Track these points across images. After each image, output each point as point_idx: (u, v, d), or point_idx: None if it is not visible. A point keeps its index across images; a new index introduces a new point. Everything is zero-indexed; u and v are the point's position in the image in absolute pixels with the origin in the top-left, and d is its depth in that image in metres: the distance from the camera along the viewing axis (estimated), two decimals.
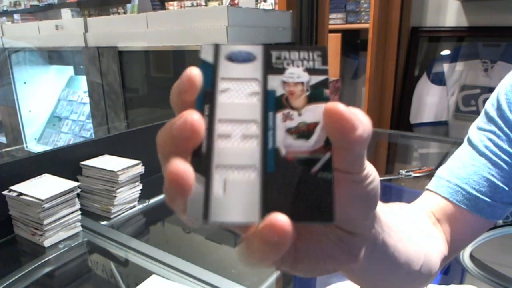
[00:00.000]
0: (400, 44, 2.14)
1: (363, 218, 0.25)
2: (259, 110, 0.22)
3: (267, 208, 0.20)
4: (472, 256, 0.86)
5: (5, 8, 5.17)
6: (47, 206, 0.83)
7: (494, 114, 0.48)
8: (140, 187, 1.06)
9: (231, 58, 0.23)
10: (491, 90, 1.87)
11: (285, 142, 0.21)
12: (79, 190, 0.91)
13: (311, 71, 0.22)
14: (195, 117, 0.20)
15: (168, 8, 3.54)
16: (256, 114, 0.21)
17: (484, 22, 1.98)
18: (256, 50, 0.23)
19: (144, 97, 2.12)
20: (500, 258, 0.92)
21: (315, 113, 0.21)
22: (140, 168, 1.04)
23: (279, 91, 0.22)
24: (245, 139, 0.21)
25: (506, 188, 0.45)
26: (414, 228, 0.41)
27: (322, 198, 0.20)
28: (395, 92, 2.20)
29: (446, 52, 2.11)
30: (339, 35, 2.40)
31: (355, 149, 0.21)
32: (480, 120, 0.50)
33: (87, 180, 1.02)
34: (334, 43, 2.36)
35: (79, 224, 0.92)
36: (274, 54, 0.23)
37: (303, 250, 0.24)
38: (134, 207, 1.05)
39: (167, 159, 0.20)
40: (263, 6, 2.92)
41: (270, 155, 0.21)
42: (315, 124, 0.21)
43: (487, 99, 0.51)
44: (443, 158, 1.42)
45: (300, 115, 0.21)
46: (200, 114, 0.20)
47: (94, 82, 2.18)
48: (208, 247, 0.93)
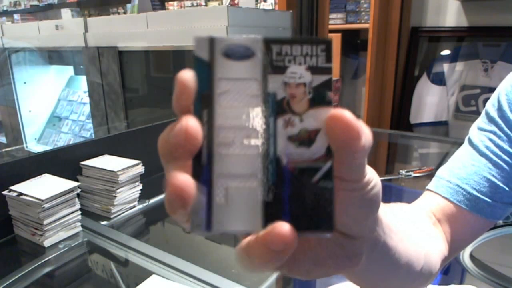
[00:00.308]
0: (400, 44, 2.14)
1: (364, 223, 0.25)
2: (259, 116, 0.21)
3: (269, 217, 0.20)
4: (472, 256, 0.86)
5: (5, 8, 5.17)
6: (47, 206, 0.83)
7: (494, 114, 0.48)
8: (140, 187, 1.06)
9: (228, 54, 0.21)
10: (491, 90, 1.87)
11: (286, 150, 0.21)
12: (79, 190, 0.91)
13: (314, 69, 0.21)
14: (190, 123, 0.19)
15: (168, 8, 3.54)
16: (256, 120, 0.21)
17: (484, 22, 1.98)
18: (254, 43, 0.21)
19: (144, 97, 2.12)
20: (500, 258, 0.92)
21: (316, 119, 0.21)
22: (140, 168, 1.04)
23: (280, 94, 0.21)
24: (245, 147, 0.21)
25: (507, 188, 0.45)
26: (414, 228, 0.41)
27: (322, 208, 0.20)
28: (395, 92, 2.20)
29: (446, 52, 2.10)
30: (339, 35, 2.40)
31: (356, 158, 0.21)
32: (480, 121, 0.50)
33: (87, 180, 1.02)
34: (334, 43, 2.34)
35: (79, 224, 0.92)
36: (275, 49, 0.21)
37: (302, 253, 0.24)
38: (134, 207, 1.05)
39: (167, 164, 0.20)
40: (263, 6, 2.92)
41: (271, 164, 0.21)
42: (316, 131, 0.21)
43: (487, 99, 0.51)
44: (443, 158, 1.42)
45: (301, 121, 0.21)
46: (199, 119, 0.20)
47: (94, 82, 2.18)
48: (208, 247, 0.93)
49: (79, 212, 0.91)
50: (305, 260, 0.24)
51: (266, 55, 0.22)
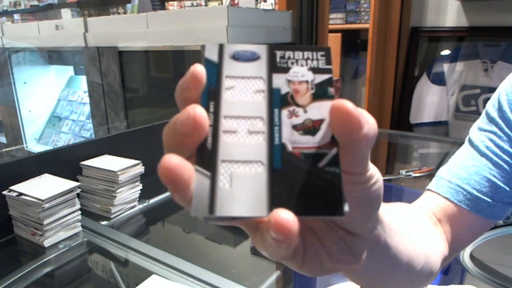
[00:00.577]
0: (400, 44, 2.14)
1: (365, 219, 0.25)
2: (264, 107, 0.22)
3: (275, 202, 0.20)
4: (472, 256, 0.86)
5: (5, 8, 5.17)
6: (47, 206, 0.83)
7: (495, 114, 0.48)
8: (140, 187, 1.06)
9: (236, 57, 0.23)
10: (491, 90, 1.87)
11: (291, 138, 0.21)
12: (79, 190, 0.91)
13: (315, 70, 0.22)
14: (198, 111, 0.19)
15: (168, 8, 3.54)
16: (262, 110, 0.22)
17: (484, 22, 1.98)
18: (260, 49, 0.23)
19: (144, 97, 2.12)
20: (500, 258, 0.92)
21: (320, 110, 0.22)
22: (140, 168, 1.04)
23: (284, 89, 0.22)
24: (251, 135, 0.21)
25: (507, 189, 0.45)
26: (414, 228, 0.41)
27: (330, 192, 0.20)
28: (395, 92, 2.19)
29: (446, 52, 2.10)
30: (339, 35, 2.40)
31: (360, 148, 0.21)
32: (481, 121, 0.50)
33: (87, 180, 1.02)
34: (334, 43, 2.36)
35: (79, 224, 0.92)
36: (279, 54, 0.23)
37: (313, 247, 0.24)
38: (134, 207, 1.05)
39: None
40: (263, 6, 2.92)
41: (277, 150, 0.21)
42: (321, 121, 0.21)
43: (487, 99, 0.51)
44: (443, 158, 1.42)
45: (305, 112, 0.22)
46: (205, 110, 0.20)
47: (94, 82, 2.18)
48: (208, 247, 0.93)
49: (79, 212, 0.91)
50: (308, 255, 0.24)
51: (270, 58, 0.23)
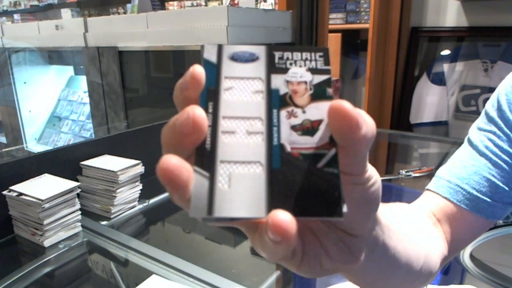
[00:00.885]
0: (400, 44, 2.14)
1: (364, 219, 0.25)
2: (263, 107, 0.22)
3: (273, 203, 0.20)
4: (472, 256, 0.86)
5: (5, 8, 5.17)
6: (47, 206, 0.83)
7: (494, 114, 0.48)
8: (140, 187, 1.06)
9: (234, 58, 0.23)
10: (491, 90, 1.87)
11: (290, 139, 0.21)
12: (79, 190, 0.91)
13: (313, 71, 0.22)
14: (197, 111, 0.19)
15: (168, 8, 3.54)
16: (260, 111, 0.22)
17: (484, 22, 1.98)
18: (259, 50, 0.23)
19: (144, 97, 2.12)
20: (500, 258, 0.92)
21: (319, 110, 0.22)
22: (140, 168, 1.04)
23: (283, 90, 0.22)
24: (249, 135, 0.21)
25: (507, 188, 0.45)
26: (414, 228, 0.41)
27: (329, 193, 0.20)
28: (395, 92, 2.19)
29: (446, 52, 2.10)
30: (339, 35, 2.40)
31: (359, 149, 0.21)
32: (480, 121, 0.50)
33: (87, 180, 1.02)
34: (334, 43, 2.36)
35: (79, 224, 0.92)
36: (277, 55, 0.23)
37: (313, 247, 0.24)
38: (134, 207, 1.05)
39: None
40: (263, 6, 2.92)
41: (275, 151, 0.21)
42: (319, 122, 0.21)
43: (487, 99, 0.51)
44: (443, 158, 1.42)
45: (304, 112, 0.22)
46: (204, 111, 0.20)
47: (94, 82, 2.18)
48: (208, 247, 0.93)
49: (79, 212, 0.91)
50: (315, 255, 0.24)
51: (269, 58, 0.23)
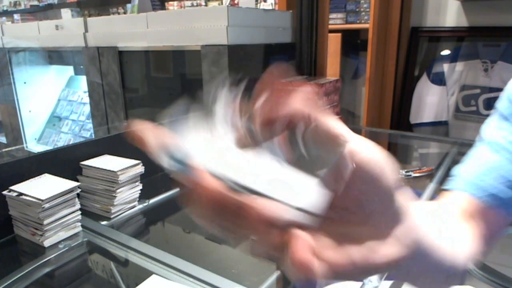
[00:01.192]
0: (400, 44, 2.14)
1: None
2: None
3: None
4: None
5: (5, 8, 5.17)
6: (47, 206, 0.83)
7: (509, 112, 0.48)
8: (140, 187, 1.06)
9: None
10: (491, 90, 1.87)
11: None
12: (79, 190, 0.91)
13: None
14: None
15: (168, 8, 3.54)
16: None
17: (484, 22, 1.98)
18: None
19: (144, 97, 2.12)
20: (500, 258, 0.92)
21: None
22: (140, 168, 1.04)
23: None
24: None
25: None
26: (445, 226, 0.42)
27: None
28: (395, 92, 2.19)
29: (446, 52, 2.10)
30: (339, 35, 2.39)
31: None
32: (495, 123, 0.51)
33: (87, 180, 1.02)
34: (334, 43, 2.36)
35: (79, 224, 0.92)
36: None
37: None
38: (134, 207, 1.05)
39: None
40: (263, 6, 2.92)
41: None
42: None
43: (487, 99, 0.51)
44: (443, 158, 1.42)
45: None
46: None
47: (94, 82, 2.18)
48: (208, 247, 0.93)
49: (79, 212, 0.91)
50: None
51: None
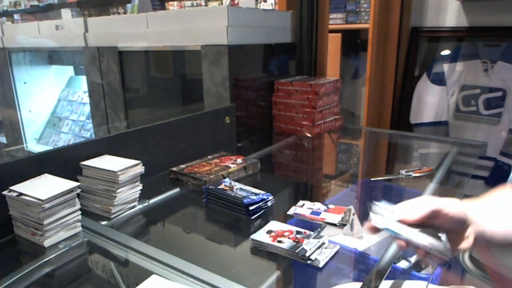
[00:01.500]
0: (400, 44, 2.14)
1: None
2: None
3: None
4: (472, 257, 0.86)
5: (5, 8, 5.17)
6: (47, 206, 0.83)
7: None
8: (140, 187, 1.06)
9: None
10: (491, 90, 1.87)
11: None
12: (79, 190, 0.91)
13: None
14: None
15: (168, 8, 3.54)
16: None
17: (484, 22, 1.98)
18: None
19: (144, 97, 2.12)
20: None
21: None
22: (140, 168, 1.04)
23: None
24: None
25: None
26: None
27: None
28: (395, 92, 2.19)
29: (446, 52, 2.10)
30: (339, 35, 2.40)
31: None
32: None
33: (87, 180, 1.02)
34: (334, 43, 2.36)
35: (79, 224, 0.92)
36: None
37: None
38: (134, 207, 1.05)
39: None
40: (263, 6, 2.92)
41: None
42: None
43: (487, 99, 0.51)
44: (443, 158, 1.42)
45: None
46: None
47: (94, 82, 2.18)
48: (208, 247, 0.93)
49: (79, 212, 0.91)
50: None
51: None
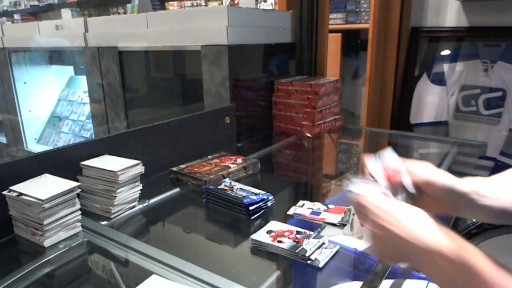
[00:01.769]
0: (400, 44, 2.14)
1: None
2: None
3: None
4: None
5: (5, 8, 5.17)
6: (47, 206, 0.83)
7: None
8: (140, 187, 1.06)
9: None
10: (491, 90, 1.87)
11: None
12: (79, 190, 0.91)
13: None
14: None
15: (168, 8, 3.54)
16: None
17: (484, 22, 1.98)
18: None
19: (144, 97, 2.12)
20: (500, 258, 0.92)
21: None
22: (140, 168, 1.04)
23: None
24: None
25: None
26: None
27: None
28: (395, 92, 2.19)
29: (446, 52, 2.10)
30: (339, 35, 2.40)
31: None
32: None
33: (87, 180, 1.02)
34: (334, 43, 2.36)
35: (79, 224, 0.92)
36: None
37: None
38: (134, 207, 1.05)
39: None
40: (263, 6, 2.92)
41: None
42: None
43: (487, 99, 0.52)
44: (443, 158, 1.42)
45: None
46: None
47: (94, 82, 2.18)
48: (208, 247, 0.93)
49: (79, 212, 0.92)
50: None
51: None
